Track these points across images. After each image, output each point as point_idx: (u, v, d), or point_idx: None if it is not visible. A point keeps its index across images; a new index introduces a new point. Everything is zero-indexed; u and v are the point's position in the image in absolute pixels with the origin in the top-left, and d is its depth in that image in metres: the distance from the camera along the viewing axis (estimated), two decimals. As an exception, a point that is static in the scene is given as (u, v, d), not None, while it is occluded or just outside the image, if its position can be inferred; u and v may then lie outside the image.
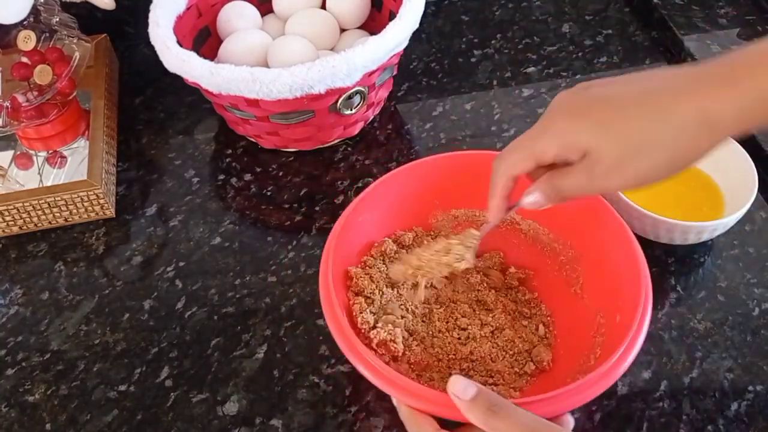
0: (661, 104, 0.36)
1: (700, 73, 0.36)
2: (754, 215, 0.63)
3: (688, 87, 0.36)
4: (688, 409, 0.51)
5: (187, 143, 0.73)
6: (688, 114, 0.35)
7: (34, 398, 0.54)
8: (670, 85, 0.37)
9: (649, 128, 0.36)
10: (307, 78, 0.59)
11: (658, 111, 0.36)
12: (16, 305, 0.60)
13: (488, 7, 0.88)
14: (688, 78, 0.36)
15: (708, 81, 0.35)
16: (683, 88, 0.36)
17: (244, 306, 0.59)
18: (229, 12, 0.74)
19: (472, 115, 0.74)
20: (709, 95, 0.35)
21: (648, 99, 0.37)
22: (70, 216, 0.65)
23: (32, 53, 0.66)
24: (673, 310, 0.57)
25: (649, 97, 0.37)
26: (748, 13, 0.81)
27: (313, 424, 0.51)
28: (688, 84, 0.36)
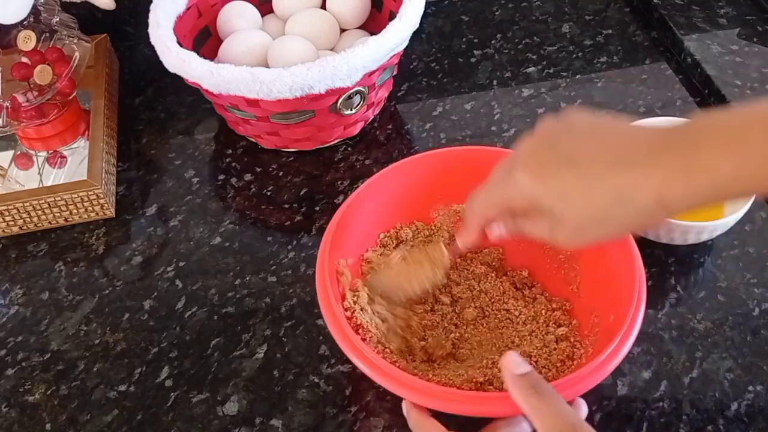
0: (623, 184, 0.37)
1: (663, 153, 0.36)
2: (754, 215, 0.63)
3: (649, 172, 0.36)
4: (688, 409, 0.51)
5: (187, 143, 0.73)
6: (647, 199, 0.36)
7: (34, 398, 0.54)
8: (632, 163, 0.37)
9: (610, 206, 0.38)
10: (307, 78, 0.59)
11: (619, 190, 0.37)
12: (16, 305, 0.60)
13: (488, 7, 0.88)
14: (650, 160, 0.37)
15: (667, 168, 0.36)
16: (644, 172, 0.37)
17: (244, 306, 0.59)
18: (229, 12, 0.74)
19: (472, 115, 0.74)
20: (666, 184, 0.36)
21: (612, 175, 0.37)
22: (70, 216, 0.65)
23: (32, 53, 0.66)
24: (673, 310, 0.57)
25: (613, 173, 0.37)
26: (748, 13, 0.81)
27: (313, 424, 0.51)
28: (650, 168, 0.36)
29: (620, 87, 0.76)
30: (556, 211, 0.39)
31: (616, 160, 0.37)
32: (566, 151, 0.39)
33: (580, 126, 0.40)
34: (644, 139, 0.38)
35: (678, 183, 0.35)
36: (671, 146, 0.36)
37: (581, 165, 0.38)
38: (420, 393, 0.42)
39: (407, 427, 0.49)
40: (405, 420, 0.48)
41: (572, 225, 0.39)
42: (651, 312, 0.57)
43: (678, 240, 0.58)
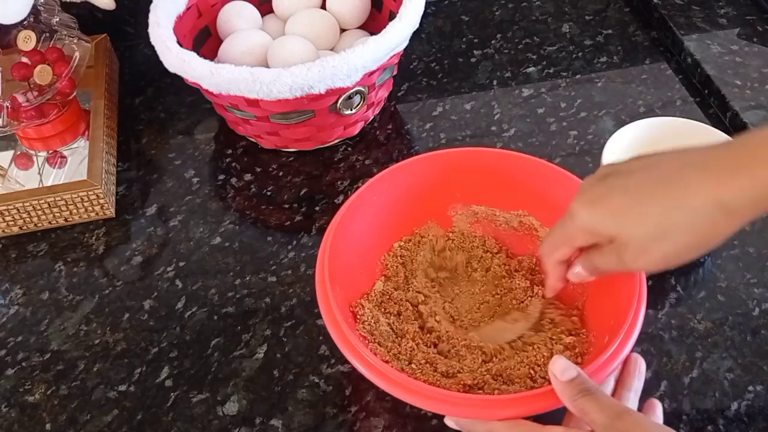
0: (675, 194, 0.37)
1: (712, 160, 0.37)
2: (754, 215, 0.62)
3: (702, 177, 0.37)
4: (688, 409, 0.51)
5: (187, 143, 0.73)
6: (704, 203, 0.36)
7: (34, 398, 0.54)
8: (683, 174, 0.37)
9: (666, 215, 0.38)
10: (307, 78, 0.59)
11: (672, 200, 0.37)
12: (16, 305, 0.60)
13: (488, 7, 0.88)
14: (702, 166, 0.37)
15: (720, 170, 0.36)
16: (696, 178, 0.37)
17: (244, 306, 0.59)
18: (229, 12, 0.74)
19: (472, 115, 0.74)
20: (722, 185, 0.36)
21: (663, 189, 0.38)
22: (70, 216, 0.65)
23: (32, 53, 0.66)
24: (673, 310, 0.57)
25: (664, 187, 0.38)
26: (748, 13, 0.81)
27: (313, 424, 0.51)
28: (702, 173, 0.37)
29: (620, 87, 0.76)
30: (615, 235, 0.40)
31: (668, 175, 0.38)
32: (617, 180, 0.40)
33: (638, 160, 0.41)
34: (696, 155, 0.38)
35: (735, 182, 0.35)
36: (723, 153, 0.36)
37: (632, 188, 0.39)
38: (417, 395, 0.42)
39: (407, 427, 0.49)
40: (405, 420, 0.48)
41: (635, 246, 0.40)
42: (651, 312, 0.57)
43: None
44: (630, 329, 0.45)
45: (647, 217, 0.38)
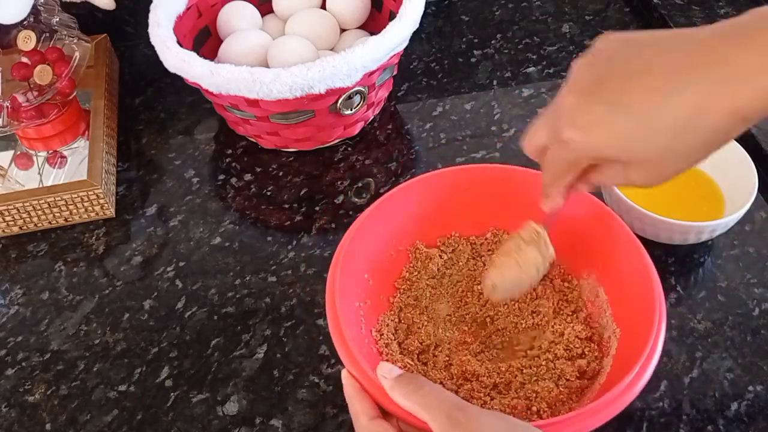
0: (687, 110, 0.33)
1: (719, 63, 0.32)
2: (754, 215, 0.63)
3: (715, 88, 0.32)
4: (688, 409, 0.51)
5: (187, 143, 0.73)
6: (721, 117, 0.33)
7: (34, 398, 0.54)
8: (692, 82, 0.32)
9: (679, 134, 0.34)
10: (307, 78, 0.59)
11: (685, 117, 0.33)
12: (16, 305, 0.60)
13: (488, 7, 0.88)
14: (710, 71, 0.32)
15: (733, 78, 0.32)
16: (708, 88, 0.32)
17: (244, 306, 0.59)
18: (229, 12, 0.74)
19: (472, 115, 0.74)
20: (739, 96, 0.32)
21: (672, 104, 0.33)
22: (70, 216, 0.65)
23: (32, 53, 0.66)
24: (673, 310, 0.57)
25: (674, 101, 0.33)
26: (748, 13, 0.81)
27: (313, 424, 0.51)
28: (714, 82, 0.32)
29: (620, 87, 0.76)
30: (623, 159, 0.37)
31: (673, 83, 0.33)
32: (613, 94, 0.35)
33: (618, 57, 0.36)
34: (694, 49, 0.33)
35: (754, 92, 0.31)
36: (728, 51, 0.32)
37: (634, 103, 0.34)
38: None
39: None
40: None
41: (645, 167, 0.37)
42: (651, 312, 0.57)
43: (678, 240, 0.58)
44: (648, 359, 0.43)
45: (658, 138, 0.34)
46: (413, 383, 0.41)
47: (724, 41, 0.32)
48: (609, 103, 0.35)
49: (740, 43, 0.32)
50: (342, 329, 0.45)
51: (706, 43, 0.33)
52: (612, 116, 0.35)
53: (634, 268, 0.48)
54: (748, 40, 0.31)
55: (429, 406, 0.39)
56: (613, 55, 0.36)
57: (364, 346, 0.49)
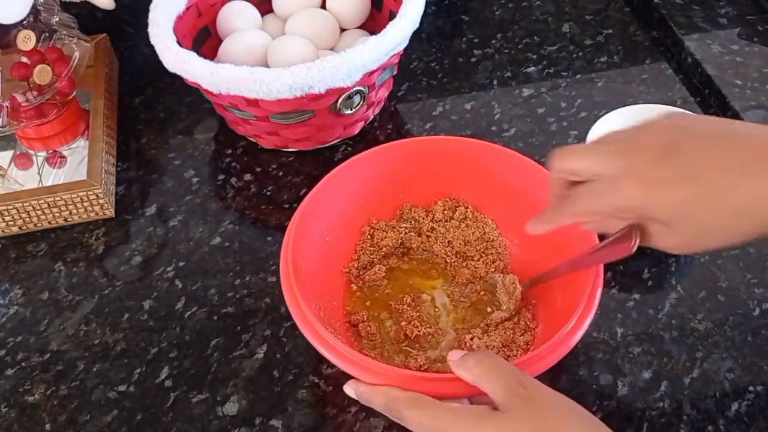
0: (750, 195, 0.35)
1: None
2: (754, 215, 0.63)
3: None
4: (689, 409, 0.51)
5: (187, 143, 0.73)
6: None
7: (33, 398, 0.54)
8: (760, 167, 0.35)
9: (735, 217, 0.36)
10: (307, 78, 0.59)
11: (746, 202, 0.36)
12: (16, 305, 0.60)
13: (488, 7, 0.88)
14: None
15: None
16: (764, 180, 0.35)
17: (244, 306, 0.59)
18: (228, 12, 0.74)
19: (472, 115, 0.74)
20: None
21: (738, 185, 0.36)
22: (69, 216, 0.65)
23: (32, 53, 0.66)
24: (674, 310, 0.57)
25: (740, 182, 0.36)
26: (749, 13, 0.81)
27: (313, 424, 0.51)
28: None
29: (620, 87, 0.76)
30: (673, 225, 0.38)
31: (744, 168, 0.35)
32: (688, 162, 0.36)
33: (695, 131, 0.38)
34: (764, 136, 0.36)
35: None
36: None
37: (707, 175, 0.36)
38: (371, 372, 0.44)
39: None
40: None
41: (689, 236, 0.38)
42: (651, 312, 0.57)
43: None
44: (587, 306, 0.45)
45: (720, 215, 0.36)
46: (475, 356, 0.41)
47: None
48: (685, 171, 0.36)
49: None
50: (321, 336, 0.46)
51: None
52: (683, 182, 0.36)
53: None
54: None
55: (489, 377, 0.39)
56: (691, 123, 0.38)
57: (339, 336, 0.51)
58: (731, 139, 0.37)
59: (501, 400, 0.38)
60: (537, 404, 0.38)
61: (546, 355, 0.43)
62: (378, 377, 0.43)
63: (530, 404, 0.38)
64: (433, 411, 0.40)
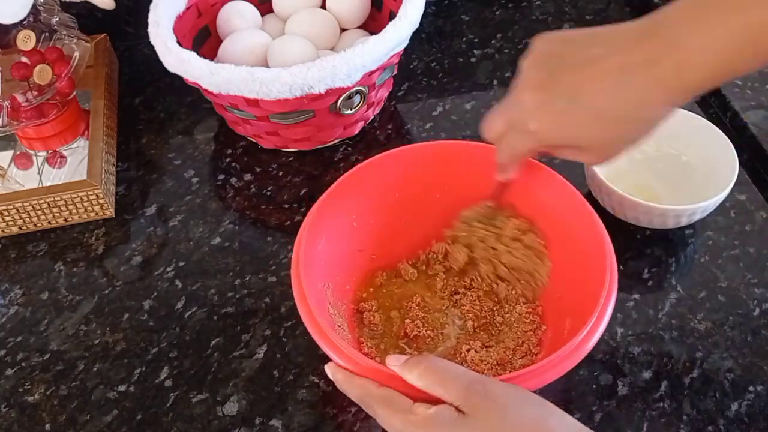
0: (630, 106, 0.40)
1: (653, 58, 0.39)
2: (754, 215, 0.63)
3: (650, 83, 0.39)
4: (689, 409, 0.51)
5: (187, 143, 0.73)
6: (656, 109, 0.40)
7: (33, 398, 0.54)
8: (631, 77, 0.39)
9: (627, 126, 0.41)
10: (307, 78, 0.59)
11: (629, 112, 0.40)
12: (16, 305, 0.60)
13: (488, 6, 0.88)
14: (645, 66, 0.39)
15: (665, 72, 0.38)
16: (645, 83, 0.39)
17: (244, 306, 0.59)
18: (228, 12, 0.74)
19: (472, 115, 0.74)
20: (671, 88, 0.39)
21: (617, 99, 0.40)
22: (69, 216, 0.65)
23: (32, 53, 0.66)
24: (674, 310, 0.57)
25: (618, 96, 0.40)
26: (749, 13, 0.81)
27: (313, 424, 0.51)
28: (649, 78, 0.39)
29: (620, 87, 0.76)
30: (579, 144, 0.43)
31: (617, 82, 0.39)
32: (568, 89, 0.41)
33: (562, 54, 0.42)
34: (628, 49, 0.39)
35: (679, 82, 0.38)
36: (657, 53, 0.38)
37: (588, 98, 0.40)
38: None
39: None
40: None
41: (597, 150, 0.43)
42: (651, 312, 0.57)
43: (657, 224, 0.59)
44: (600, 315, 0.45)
45: (610, 128, 0.41)
46: (424, 362, 0.41)
47: (651, 43, 0.39)
48: (568, 99, 0.41)
49: (665, 41, 0.38)
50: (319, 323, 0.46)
51: (639, 43, 0.39)
52: (572, 110, 0.41)
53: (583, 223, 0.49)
54: (669, 35, 0.38)
55: (444, 380, 0.40)
56: (558, 53, 0.42)
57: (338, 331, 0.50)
58: (592, 50, 0.41)
59: (463, 402, 0.38)
60: (497, 398, 0.39)
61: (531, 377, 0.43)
62: (354, 366, 0.43)
63: (491, 400, 0.38)
64: (404, 415, 0.40)
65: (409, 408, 0.40)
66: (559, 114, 0.41)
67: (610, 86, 0.39)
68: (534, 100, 0.42)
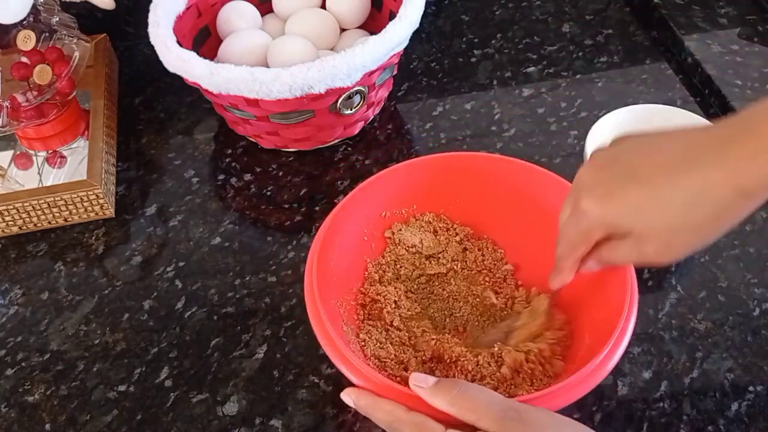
0: (695, 183, 0.36)
1: (726, 145, 0.36)
2: (754, 215, 0.63)
3: (720, 163, 0.36)
4: (689, 409, 0.51)
5: (187, 143, 0.73)
6: (726, 191, 0.36)
7: (33, 398, 0.54)
8: (698, 160, 0.36)
9: (687, 205, 0.37)
10: (307, 78, 0.59)
11: (693, 189, 0.36)
12: (16, 305, 0.60)
13: (488, 6, 0.88)
14: (716, 151, 0.36)
15: (739, 156, 0.35)
16: (713, 164, 0.36)
17: (244, 306, 0.59)
18: (229, 12, 0.74)
19: (472, 115, 0.74)
20: (743, 172, 0.35)
21: (680, 177, 0.37)
22: (69, 216, 0.65)
23: (32, 53, 0.66)
24: (674, 310, 0.57)
25: (682, 175, 0.37)
26: (748, 13, 0.81)
27: (313, 424, 0.51)
28: (719, 159, 0.36)
29: (620, 87, 0.76)
30: (637, 230, 0.39)
31: (681, 162, 0.37)
32: (626, 168, 0.39)
33: (631, 144, 0.40)
34: (701, 137, 0.37)
35: (756, 169, 0.35)
36: (733, 136, 0.35)
37: (646, 176, 0.38)
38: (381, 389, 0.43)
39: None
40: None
41: (658, 239, 0.39)
42: (651, 312, 0.57)
43: None
44: (620, 336, 0.44)
45: (669, 209, 0.37)
46: (456, 387, 0.40)
47: (727, 130, 0.36)
48: (622, 176, 0.38)
49: (743, 129, 0.35)
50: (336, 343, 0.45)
51: (712, 131, 0.37)
52: (625, 187, 0.38)
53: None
54: (750, 126, 0.35)
55: (477, 407, 0.39)
56: (628, 143, 0.40)
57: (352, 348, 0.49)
58: (664, 142, 0.39)
59: (496, 428, 0.38)
60: (532, 424, 0.38)
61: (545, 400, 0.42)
62: (382, 392, 0.42)
63: (528, 426, 0.38)
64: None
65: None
66: (613, 190, 0.39)
67: (671, 167, 0.37)
68: (589, 178, 0.40)
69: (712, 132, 0.37)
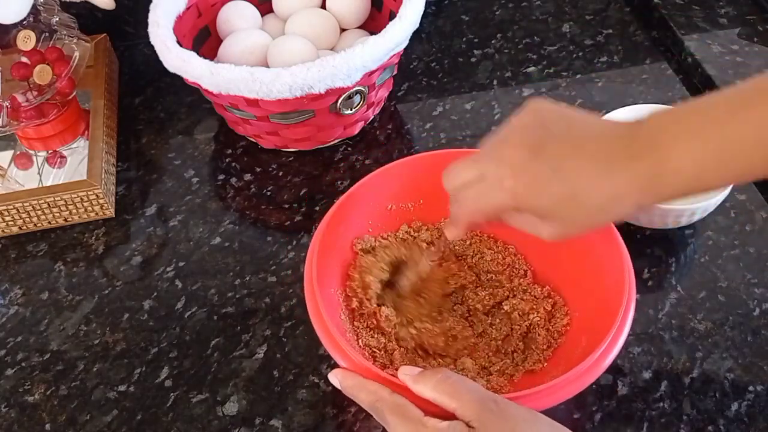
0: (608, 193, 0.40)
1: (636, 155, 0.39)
2: (754, 215, 0.63)
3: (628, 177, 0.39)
4: (689, 409, 0.51)
5: (187, 143, 0.73)
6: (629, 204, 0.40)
7: (33, 398, 0.54)
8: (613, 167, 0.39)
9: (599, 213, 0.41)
10: (307, 78, 0.59)
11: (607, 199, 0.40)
12: (16, 305, 0.60)
13: (488, 7, 0.88)
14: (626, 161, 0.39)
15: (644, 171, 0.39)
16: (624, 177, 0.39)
17: (244, 306, 0.59)
18: (229, 12, 0.74)
19: (472, 115, 0.74)
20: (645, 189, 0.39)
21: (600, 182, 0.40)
22: (69, 216, 0.65)
23: (32, 53, 0.66)
24: (674, 310, 0.57)
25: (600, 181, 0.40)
26: (749, 13, 0.81)
27: (313, 424, 0.51)
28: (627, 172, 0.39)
29: (620, 87, 0.76)
30: (548, 218, 0.41)
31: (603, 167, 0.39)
32: (554, 160, 0.40)
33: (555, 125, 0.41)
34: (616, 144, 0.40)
35: (653, 185, 0.39)
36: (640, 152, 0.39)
37: (571, 175, 0.40)
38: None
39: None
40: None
41: (560, 227, 0.42)
42: (651, 312, 0.57)
43: (671, 224, 0.59)
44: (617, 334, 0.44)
45: (582, 211, 0.40)
46: (439, 374, 0.41)
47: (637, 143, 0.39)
48: (551, 168, 0.40)
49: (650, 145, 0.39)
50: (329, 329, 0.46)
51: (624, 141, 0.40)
52: (553, 180, 0.40)
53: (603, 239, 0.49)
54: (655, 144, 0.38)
55: (458, 393, 0.40)
56: (551, 121, 0.41)
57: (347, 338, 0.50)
58: (584, 130, 0.41)
59: (474, 417, 0.39)
60: (508, 417, 0.39)
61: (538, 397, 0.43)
62: (368, 375, 0.43)
63: (503, 419, 0.38)
64: (414, 426, 0.40)
65: (419, 419, 0.40)
66: (540, 180, 0.40)
67: (591, 171, 0.39)
68: (518, 158, 0.41)
69: (624, 141, 0.39)
